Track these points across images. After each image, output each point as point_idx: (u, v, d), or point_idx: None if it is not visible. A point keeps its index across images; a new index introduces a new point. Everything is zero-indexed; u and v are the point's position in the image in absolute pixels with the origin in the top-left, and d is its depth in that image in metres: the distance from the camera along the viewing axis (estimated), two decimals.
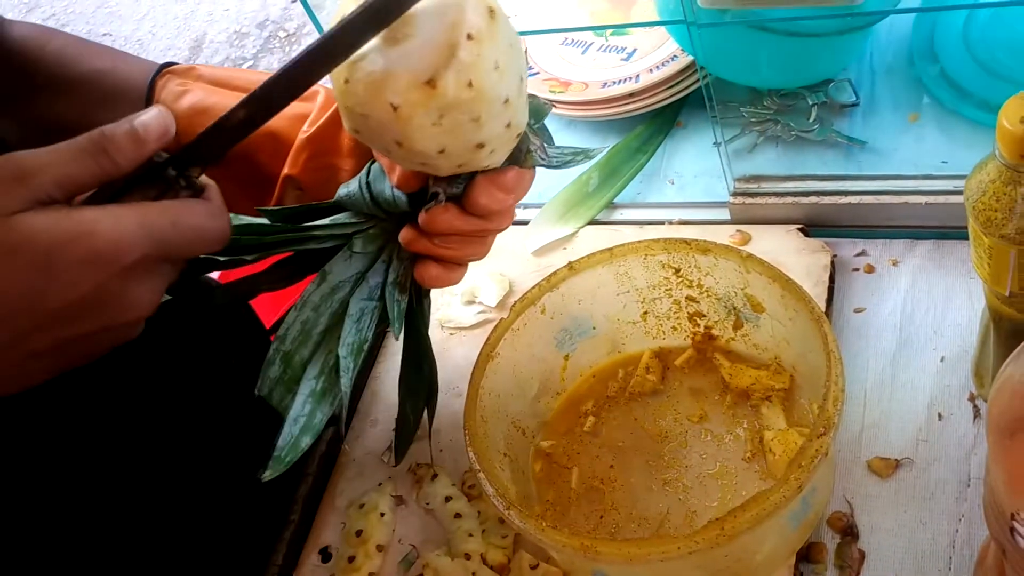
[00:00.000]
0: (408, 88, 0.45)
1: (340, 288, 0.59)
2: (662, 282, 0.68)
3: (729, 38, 0.74)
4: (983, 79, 0.75)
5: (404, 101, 0.46)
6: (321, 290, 0.58)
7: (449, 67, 0.45)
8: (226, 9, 2.64)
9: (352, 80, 0.46)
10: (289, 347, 0.57)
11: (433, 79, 0.45)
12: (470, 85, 0.46)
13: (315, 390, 0.57)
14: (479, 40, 0.46)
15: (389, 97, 0.45)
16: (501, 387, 0.65)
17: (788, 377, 0.65)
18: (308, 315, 0.57)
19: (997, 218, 0.50)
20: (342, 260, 0.58)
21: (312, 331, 0.58)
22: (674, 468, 0.65)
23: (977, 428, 0.63)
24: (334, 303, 0.58)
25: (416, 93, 0.45)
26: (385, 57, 0.45)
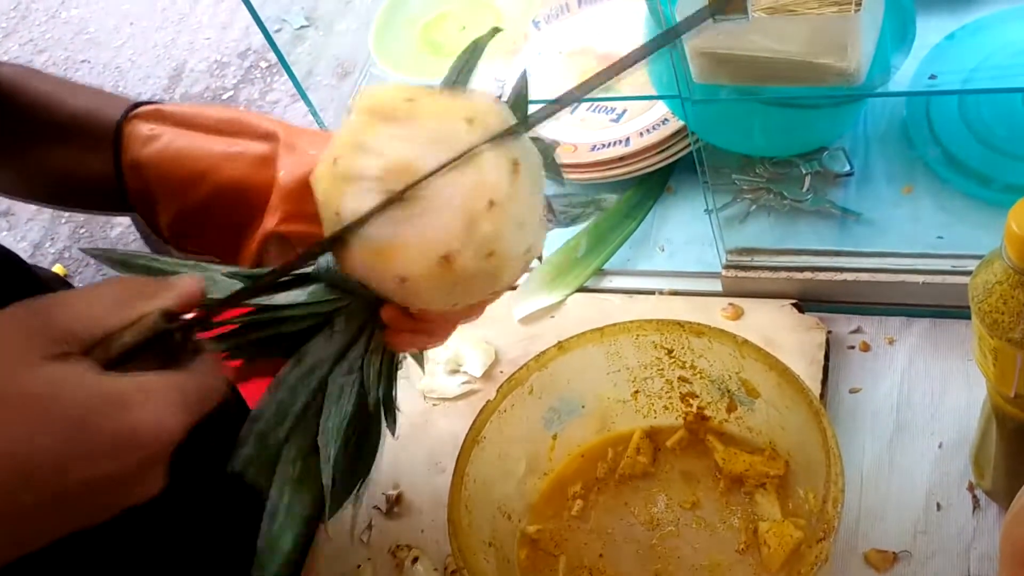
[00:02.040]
0: (419, 264, 0.41)
1: (319, 367, 0.55)
2: (654, 362, 0.66)
3: (723, 108, 0.72)
4: (978, 151, 0.74)
5: (413, 275, 0.42)
6: (298, 371, 0.54)
7: (468, 243, 0.41)
8: (207, 38, 2.61)
9: (354, 245, 0.42)
10: (263, 427, 0.53)
11: (449, 256, 0.41)
12: (490, 255, 0.42)
13: (292, 476, 0.53)
14: (501, 205, 0.41)
15: (397, 270, 0.42)
16: (487, 472, 0.63)
17: (783, 464, 0.63)
18: (284, 396, 0.53)
19: (1004, 321, 0.48)
20: (323, 340, 0.54)
21: (288, 411, 0.54)
22: (666, 559, 0.63)
23: (976, 520, 0.61)
24: (312, 382, 0.55)
25: (428, 269, 0.41)
26: (394, 224, 0.41)
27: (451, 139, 0.42)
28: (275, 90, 2.43)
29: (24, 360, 0.37)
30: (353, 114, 0.44)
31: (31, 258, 2.10)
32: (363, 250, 0.42)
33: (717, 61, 0.62)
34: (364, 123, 0.43)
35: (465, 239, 0.41)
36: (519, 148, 0.44)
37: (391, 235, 0.41)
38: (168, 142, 0.58)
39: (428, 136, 0.42)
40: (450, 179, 0.41)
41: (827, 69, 0.60)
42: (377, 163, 0.42)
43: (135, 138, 0.58)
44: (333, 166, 0.43)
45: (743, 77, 0.63)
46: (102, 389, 0.37)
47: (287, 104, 2.38)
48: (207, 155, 0.56)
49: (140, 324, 0.41)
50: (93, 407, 0.37)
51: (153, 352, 0.42)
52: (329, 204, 0.42)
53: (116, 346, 0.41)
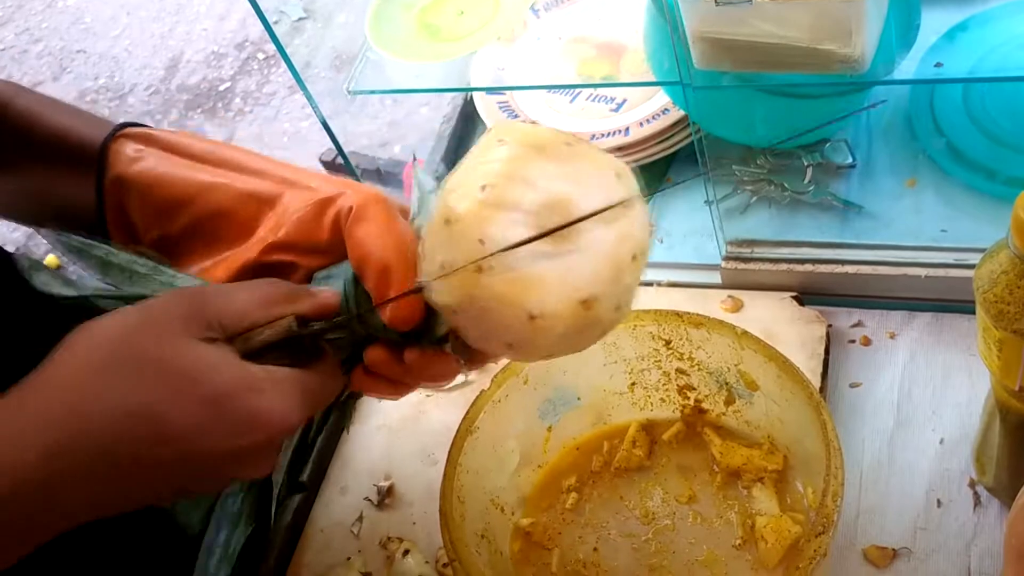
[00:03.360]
0: (560, 303, 0.41)
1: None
2: (651, 353, 0.65)
3: (724, 96, 0.71)
4: (983, 144, 0.73)
5: (547, 314, 0.41)
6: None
7: (610, 291, 0.41)
8: (204, 29, 2.60)
9: (490, 269, 0.41)
10: None
11: (590, 300, 0.41)
12: (618, 308, 0.42)
13: (233, 511, 0.52)
14: (640, 261, 0.42)
15: (531, 306, 0.41)
16: (480, 463, 0.61)
17: (781, 458, 0.62)
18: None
19: (1010, 312, 0.47)
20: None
21: None
22: (661, 554, 0.62)
23: (978, 517, 0.60)
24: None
25: (566, 310, 0.41)
26: (539, 260, 0.40)
27: (606, 188, 0.42)
28: (272, 82, 2.41)
29: (180, 338, 0.42)
30: (507, 146, 0.43)
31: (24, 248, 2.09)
32: (499, 277, 0.41)
33: (719, 46, 0.61)
34: (521, 155, 0.42)
35: (609, 287, 0.41)
36: (647, 210, 0.45)
37: (535, 268, 0.40)
38: (153, 165, 0.57)
39: (586, 179, 0.42)
40: (600, 223, 0.41)
41: (831, 56, 0.59)
42: (535, 196, 0.41)
43: (120, 157, 0.57)
44: (481, 192, 0.42)
45: (745, 63, 0.62)
46: (241, 374, 0.42)
47: (284, 96, 2.36)
48: (191, 183, 0.55)
49: (278, 324, 0.45)
50: (231, 388, 0.41)
51: (283, 350, 0.46)
52: (473, 230, 0.41)
53: (256, 340, 0.45)
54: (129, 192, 0.56)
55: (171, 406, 0.40)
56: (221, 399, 0.41)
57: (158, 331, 0.42)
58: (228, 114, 2.38)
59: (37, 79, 2.64)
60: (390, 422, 0.75)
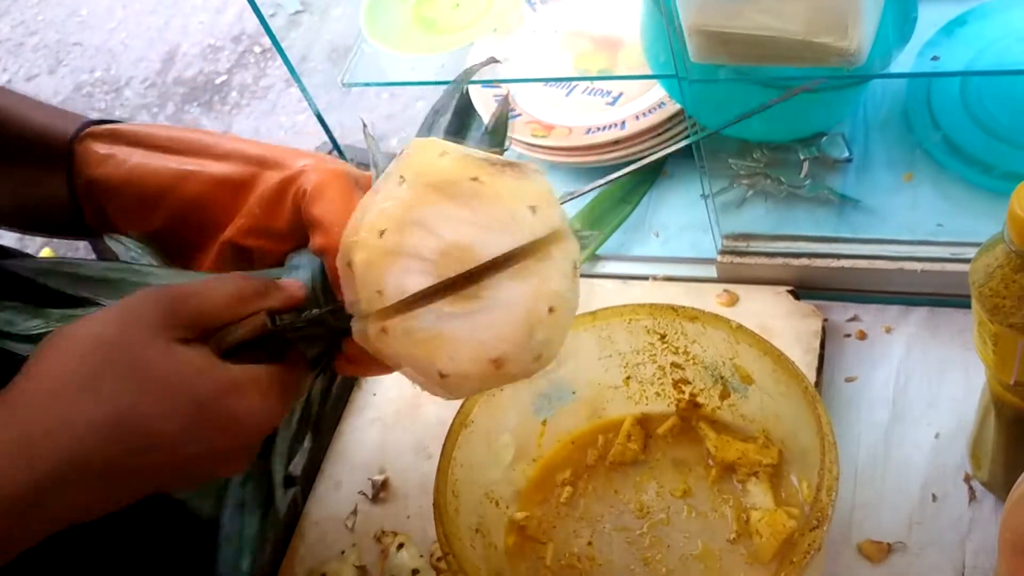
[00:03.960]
0: (468, 363, 0.39)
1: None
2: (646, 347, 0.64)
3: (720, 90, 0.71)
4: (979, 139, 0.73)
5: (458, 374, 0.39)
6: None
7: (523, 348, 0.39)
8: (201, 22, 2.59)
9: (393, 334, 0.39)
10: None
11: (501, 360, 0.39)
12: (537, 359, 0.40)
13: (243, 499, 0.52)
14: (559, 311, 0.40)
15: (440, 366, 0.39)
16: (474, 457, 0.61)
17: (776, 452, 0.62)
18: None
19: (1005, 306, 0.47)
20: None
21: None
22: (656, 547, 0.61)
23: (973, 511, 0.60)
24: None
25: (476, 370, 0.39)
26: (445, 320, 0.39)
27: (515, 229, 0.39)
28: (269, 75, 2.41)
29: (157, 342, 0.41)
30: (406, 185, 0.40)
31: (19, 243, 2.08)
32: (405, 336, 0.39)
33: (715, 39, 0.60)
34: (420, 197, 0.40)
35: (521, 345, 0.39)
36: (575, 245, 0.42)
37: (442, 328, 0.39)
38: (121, 162, 0.56)
39: (492, 222, 0.39)
40: (510, 278, 0.39)
41: (827, 49, 0.58)
42: (434, 244, 0.39)
43: (88, 158, 0.57)
44: (379, 238, 0.40)
45: (742, 56, 0.61)
46: (221, 375, 0.42)
47: (281, 89, 2.36)
48: (162, 175, 0.55)
49: (251, 322, 0.45)
50: (214, 391, 0.41)
51: (257, 346, 0.45)
52: (370, 280, 0.40)
53: (229, 339, 0.44)
54: (103, 194, 0.56)
55: (156, 413, 0.40)
56: (205, 403, 0.41)
57: (134, 337, 0.41)
58: (225, 107, 2.37)
59: (33, 72, 2.63)
60: (384, 416, 0.75)
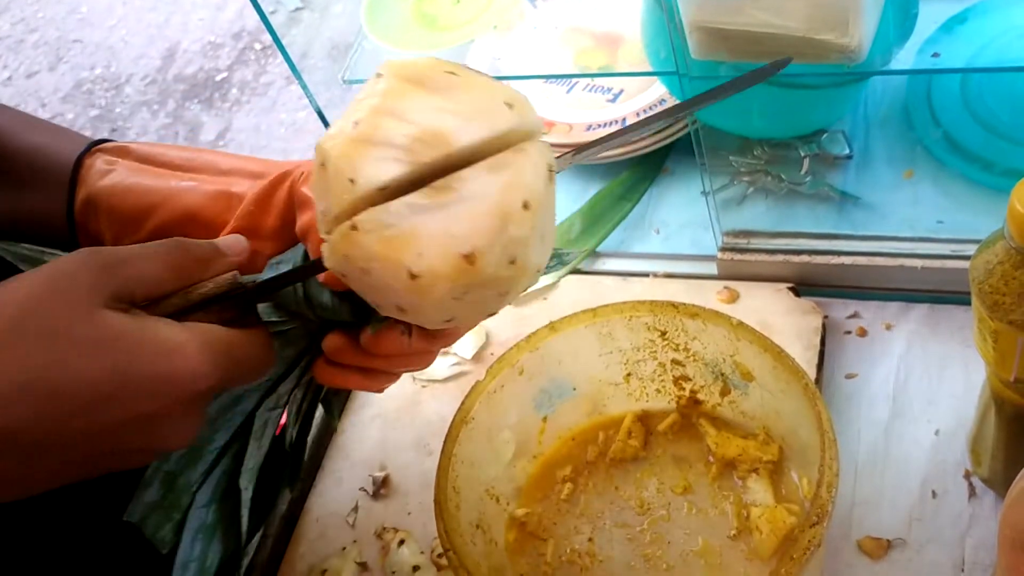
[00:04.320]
0: (439, 259, 0.37)
1: (245, 399, 0.50)
2: (647, 344, 0.64)
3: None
4: (980, 136, 0.73)
5: (428, 272, 0.37)
6: (220, 401, 0.49)
7: (495, 242, 0.37)
8: (201, 19, 2.59)
9: (363, 228, 0.37)
10: (173, 467, 0.48)
11: (473, 255, 0.37)
12: (513, 263, 0.38)
13: (206, 523, 0.49)
14: (534, 210, 0.38)
15: (410, 263, 0.37)
16: (475, 453, 0.61)
17: (777, 449, 0.62)
18: (201, 432, 0.45)
19: (1005, 302, 0.47)
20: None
21: (204, 449, 0.49)
22: (656, 544, 0.61)
23: (972, 508, 0.60)
24: (235, 416, 0.50)
25: (447, 266, 0.37)
26: (416, 213, 0.37)
27: (491, 118, 0.38)
28: (269, 72, 2.40)
29: (79, 305, 0.40)
30: (382, 79, 0.39)
31: None
32: (374, 234, 0.37)
33: (715, 36, 0.60)
34: (395, 89, 0.38)
35: (493, 239, 0.37)
36: (550, 151, 0.40)
37: (414, 222, 0.37)
38: (122, 177, 0.56)
39: (467, 110, 0.38)
40: (484, 169, 0.37)
41: (828, 46, 0.59)
42: (407, 130, 0.37)
43: (91, 172, 0.57)
44: (353, 128, 0.38)
45: (742, 53, 0.61)
46: (146, 336, 0.40)
47: (281, 87, 2.36)
48: (159, 190, 0.55)
49: (220, 279, 0.44)
50: (137, 352, 0.40)
51: (223, 307, 0.44)
52: (342, 169, 0.37)
53: (196, 294, 0.44)
54: (98, 207, 0.56)
55: (68, 377, 0.39)
56: (121, 366, 0.39)
57: (58, 299, 0.40)
58: (225, 104, 2.37)
59: (33, 69, 2.63)
60: (385, 412, 0.75)
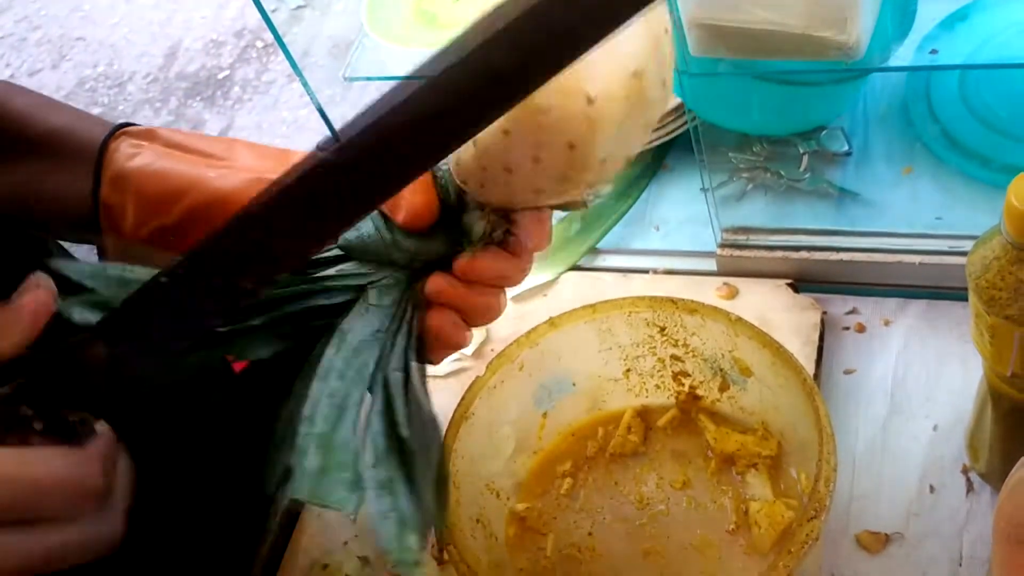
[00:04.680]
0: (612, 78, 0.39)
1: (362, 349, 0.48)
2: (646, 340, 0.65)
3: (720, 84, 0.71)
4: (978, 132, 0.73)
5: (604, 93, 0.39)
6: (343, 353, 0.47)
7: (654, 62, 0.39)
8: (203, 17, 2.59)
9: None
10: (323, 428, 0.45)
11: (639, 71, 0.39)
12: (663, 84, 0.40)
13: (381, 479, 0.45)
14: (669, 37, 0.41)
15: (587, 87, 0.38)
16: (475, 448, 0.62)
17: (775, 444, 0.63)
18: (335, 385, 0.44)
19: (1002, 298, 0.47)
20: (359, 316, 0.48)
21: (347, 403, 0.46)
22: (655, 538, 0.62)
23: (970, 503, 0.60)
24: (360, 367, 0.47)
25: (619, 85, 0.39)
26: None
27: None
28: (271, 70, 2.41)
29: None
30: None
31: None
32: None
33: (714, 33, 0.61)
34: None
35: (653, 57, 0.40)
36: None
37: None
38: (151, 159, 0.56)
39: None
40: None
41: (826, 43, 0.59)
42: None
43: (119, 154, 0.57)
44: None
45: (740, 50, 0.62)
46: None
47: (283, 84, 2.36)
48: (189, 174, 0.55)
49: None
50: None
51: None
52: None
53: None
54: (126, 188, 0.56)
55: None
56: None
57: None
58: (227, 102, 2.38)
59: (36, 67, 2.63)
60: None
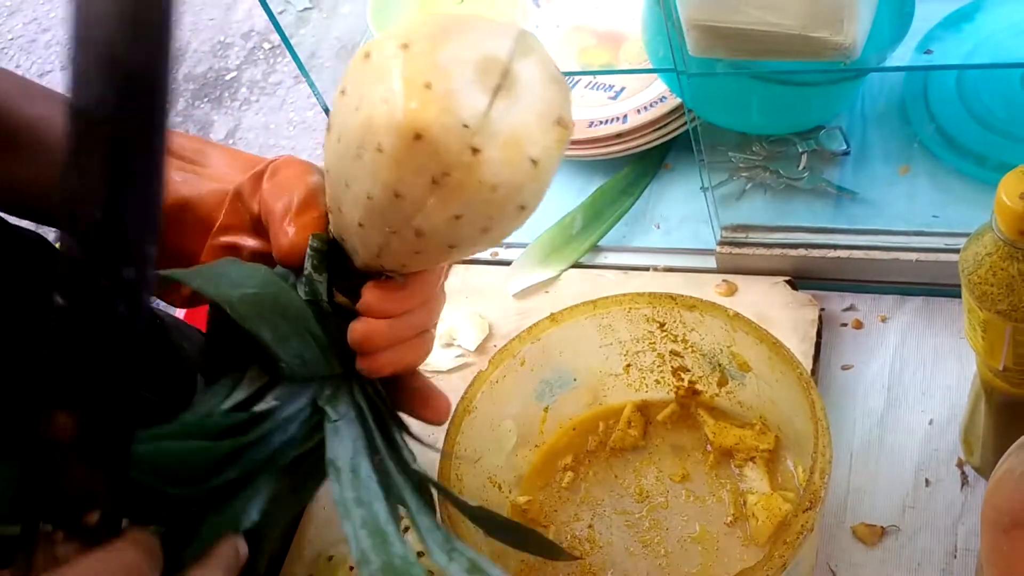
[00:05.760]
0: (544, 135, 0.40)
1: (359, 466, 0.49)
2: (646, 335, 0.66)
3: (719, 84, 0.72)
4: (974, 131, 0.74)
5: (543, 151, 0.40)
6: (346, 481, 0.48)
7: (566, 99, 0.41)
8: (211, 19, 2.61)
9: (488, 148, 0.39)
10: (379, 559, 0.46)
11: (562, 119, 0.41)
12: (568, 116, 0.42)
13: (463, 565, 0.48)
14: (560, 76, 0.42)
15: (530, 151, 0.40)
16: (478, 442, 0.63)
17: (773, 438, 0.64)
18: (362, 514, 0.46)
19: (993, 293, 0.48)
20: (334, 439, 0.48)
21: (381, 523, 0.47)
22: (655, 530, 0.63)
23: (965, 496, 0.61)
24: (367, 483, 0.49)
25: (551, 138, 0.40)
26: (509, 112, 0.39)
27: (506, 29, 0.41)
28: (278, 71, 2.42)
29: None
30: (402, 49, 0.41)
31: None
32: (498, 148, 0.40)
33: (713, 34, 0.62)
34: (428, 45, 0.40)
35: (565, 97, 0.41)
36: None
37: (509, 121, 0.39)
38: None
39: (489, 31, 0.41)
40: (521, 57, 0.40)
41: (823, 43, 0.60)
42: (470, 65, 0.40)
43: None
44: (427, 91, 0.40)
45: (739, 50, 0.63)
46: None
47: (290, 86, 2.37)
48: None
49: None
50: None
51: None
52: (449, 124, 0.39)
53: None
54: None
55: None
56: None
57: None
58: (234, 104, 2.39)
59: (45, 68, 2.65)
60: None
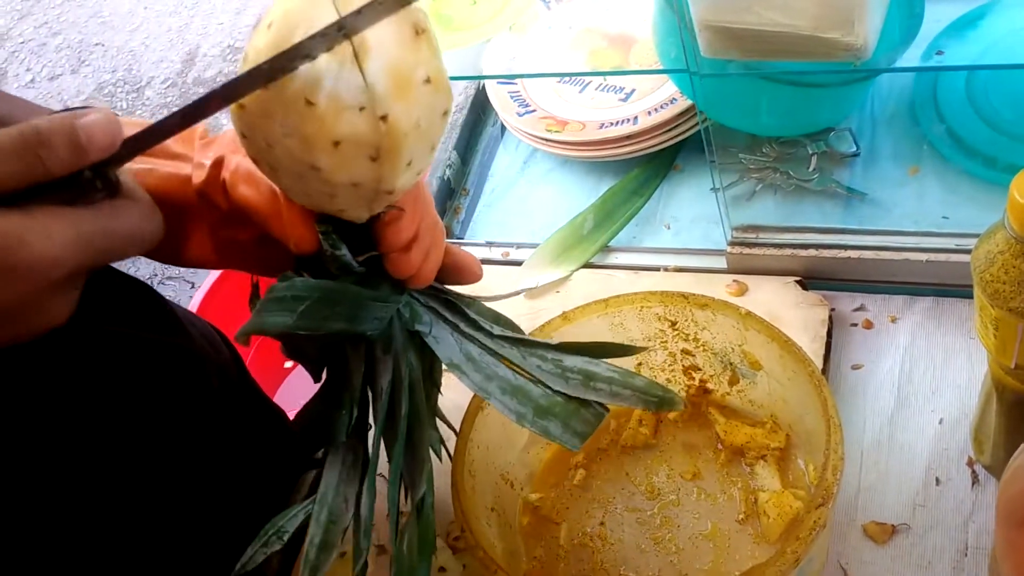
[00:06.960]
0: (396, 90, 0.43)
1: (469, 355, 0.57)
2: (657, 334, 0.66)
3: (730, 85, 0.73)
4: (984, 133, 0.74)
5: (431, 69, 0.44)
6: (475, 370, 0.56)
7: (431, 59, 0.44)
8: (220, 23, 2.63)
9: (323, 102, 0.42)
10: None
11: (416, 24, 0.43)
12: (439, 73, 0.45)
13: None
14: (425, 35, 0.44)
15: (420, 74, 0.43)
16: (490, 439, 0.63)
17: (784, 436, 0.64)
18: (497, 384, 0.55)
19: (1005, 291, 0.49)
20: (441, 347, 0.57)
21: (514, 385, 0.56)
22: (666, 527, 0.63)
23: (975, 495, 0.62)
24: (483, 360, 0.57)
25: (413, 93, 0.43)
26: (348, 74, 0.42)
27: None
28: None
29: None
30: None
31: None
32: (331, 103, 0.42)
33: (724, 35, 0.62)
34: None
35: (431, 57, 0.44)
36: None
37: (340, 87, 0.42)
38: None
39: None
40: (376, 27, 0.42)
41: (834, 44, 0.60)
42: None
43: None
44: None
45: (750, 51, 0.63)
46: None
47: None
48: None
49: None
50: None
51: (71, 193, 0.42)
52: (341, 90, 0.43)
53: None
54: None
55: None
56: None
57: None
58: None
59: (56, 71, 2.67)
60: None
